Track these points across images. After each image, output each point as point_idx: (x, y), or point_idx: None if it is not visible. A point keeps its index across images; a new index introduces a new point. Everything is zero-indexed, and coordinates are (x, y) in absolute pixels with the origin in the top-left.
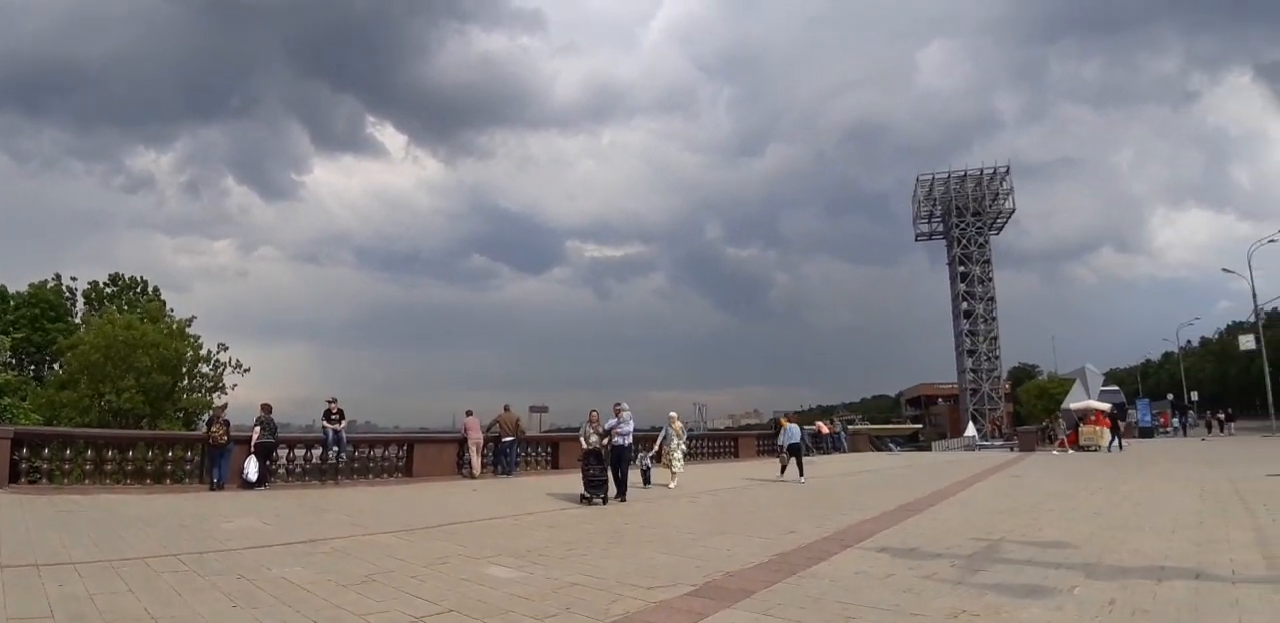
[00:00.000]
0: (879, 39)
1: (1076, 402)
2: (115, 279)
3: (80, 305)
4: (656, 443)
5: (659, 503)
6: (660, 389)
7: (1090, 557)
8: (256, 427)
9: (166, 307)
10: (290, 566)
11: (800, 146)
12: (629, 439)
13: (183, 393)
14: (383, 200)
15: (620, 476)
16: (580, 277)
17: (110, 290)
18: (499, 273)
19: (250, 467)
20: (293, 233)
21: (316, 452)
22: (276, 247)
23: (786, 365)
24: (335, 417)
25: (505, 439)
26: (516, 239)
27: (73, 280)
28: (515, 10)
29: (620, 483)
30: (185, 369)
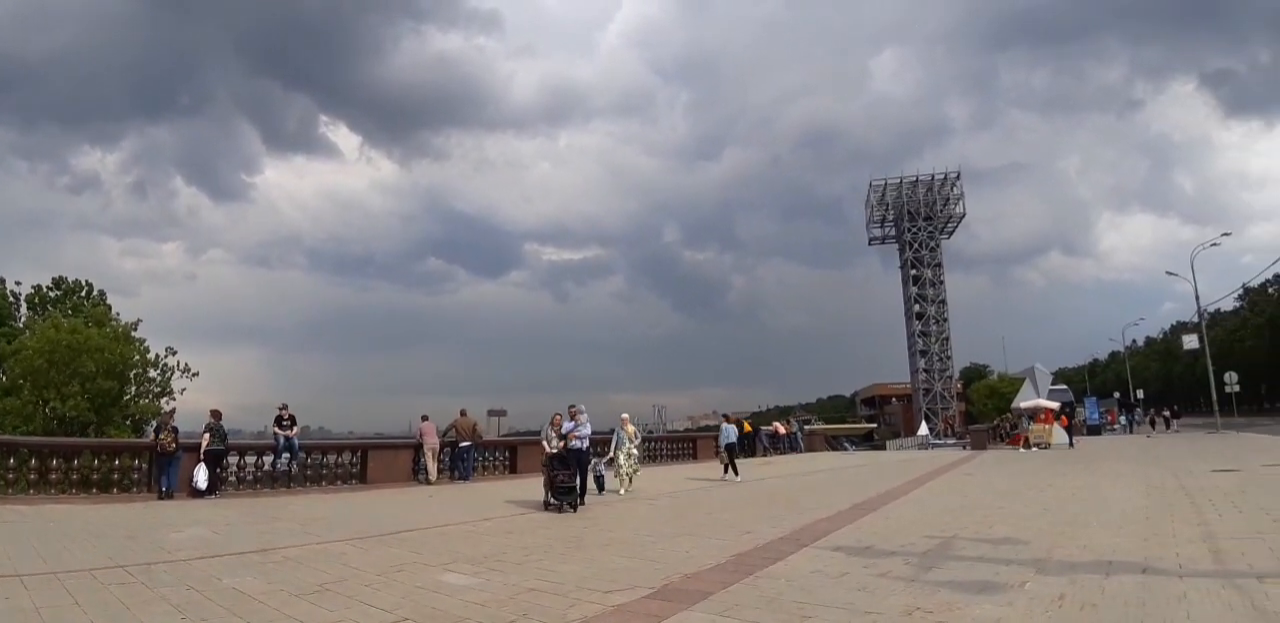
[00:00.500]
0: (833, 46)
1: (1026, 401)
2: (59, 282)
3: (23, 310)
4: (611, 447)
5: (617, 507)
6: (619, 392)
7: (1040, 553)
8: (206, 434)
9: (112, 311)
10: (241, 576)
11: (756, 151)
12: (586, 443)
13: (131, 400)
14: (336, 202)
15: (580, 480)
16: (538, 279)
17: (54, 294)
18: (455, 276)
19: (200, 475)
20: (243, 235)
21: (268, 459)
22: (226, 249)
23: (744, 367)
24: (287, 423)
25: (462, 444)
26: (473, 241)
27: (16, 284)
28: (472, 10)
29: (580, 488)
30: (132, 375)
